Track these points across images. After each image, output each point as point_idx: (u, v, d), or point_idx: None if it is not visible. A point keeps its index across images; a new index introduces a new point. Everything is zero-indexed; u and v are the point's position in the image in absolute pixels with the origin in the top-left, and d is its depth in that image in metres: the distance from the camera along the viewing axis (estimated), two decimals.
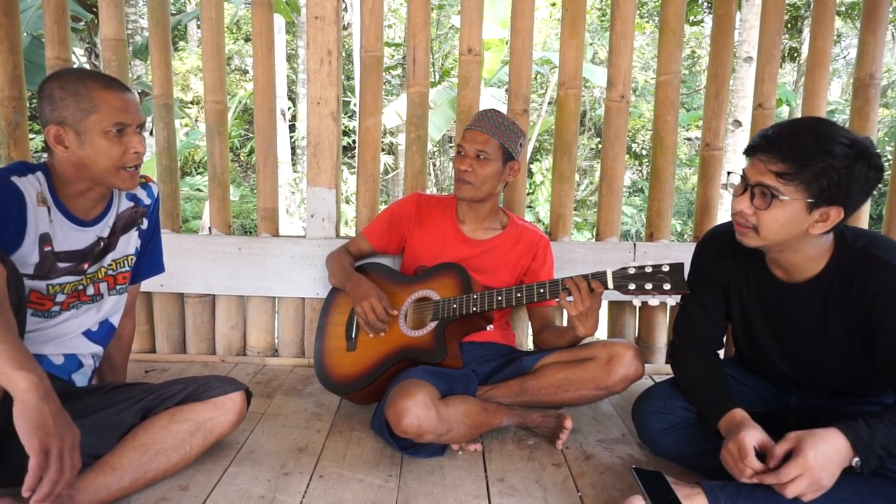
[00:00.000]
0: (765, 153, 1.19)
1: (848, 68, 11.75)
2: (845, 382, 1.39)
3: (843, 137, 1.15)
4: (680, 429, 1.49)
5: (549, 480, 1.47)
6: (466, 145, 1.79)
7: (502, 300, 1.61)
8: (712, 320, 1.52)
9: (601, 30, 10.61)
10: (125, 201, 1.51)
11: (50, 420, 1.04)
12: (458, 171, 1.80)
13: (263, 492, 1.38)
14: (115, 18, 2.20)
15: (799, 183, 1.15)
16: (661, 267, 1.46)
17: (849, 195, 1.15)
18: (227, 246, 2.25)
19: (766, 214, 1.20)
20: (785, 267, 1.33)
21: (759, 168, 1.19)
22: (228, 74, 11.64)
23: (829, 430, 1.14)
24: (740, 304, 1.46)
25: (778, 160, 1.16)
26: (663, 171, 2.27)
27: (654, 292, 1.46)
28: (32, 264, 1.32)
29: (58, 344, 1.42)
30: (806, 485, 1.11)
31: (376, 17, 2.19)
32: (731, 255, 1.43)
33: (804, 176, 1.14)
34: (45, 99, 1.29)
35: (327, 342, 1.85)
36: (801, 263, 1.30)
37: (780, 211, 1.18)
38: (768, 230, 1.21)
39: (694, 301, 1.52)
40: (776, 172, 1.17)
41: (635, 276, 1.49)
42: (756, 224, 1.22)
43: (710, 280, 1.49)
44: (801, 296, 1.33)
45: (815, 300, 1.31)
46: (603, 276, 1.53)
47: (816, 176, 1.14)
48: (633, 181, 11.15)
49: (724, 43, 2.24)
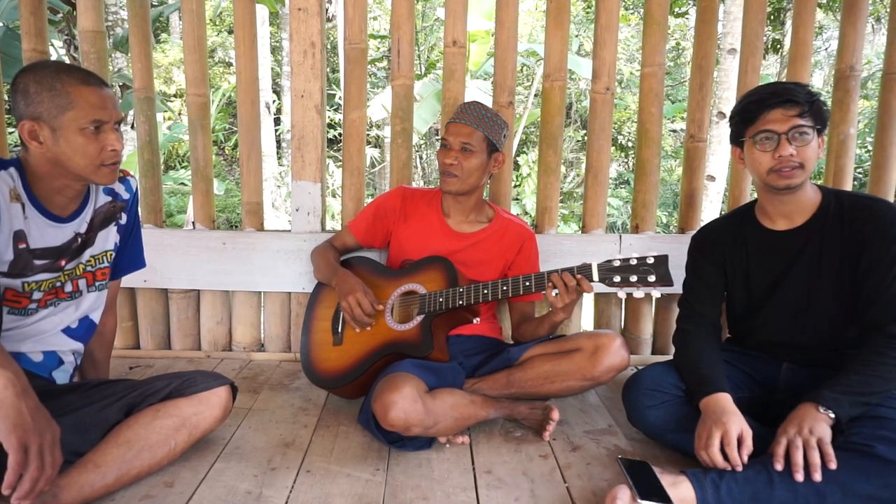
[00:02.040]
0: (782, 103, 1.38)
1: (830, 60, 11.87)
2: (835, 335, 1.47)
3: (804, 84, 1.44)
4: (666, 406, 1.52)
5: (536, 472, 1.48)
6: (451, 138, 1.78)
7: (488, 293, 1.61)
8: (714, 294, 1.62)
9: (586, 21, 10.63)
10: (102, 196, 1.48)
11: (28, 417, 1.03)
12: (444, 165, 1.79)
13: (250, 487, 1.38)
14: (93, 10, 2.16)
15: (810, 117, 1.38)
16: (646, 259, 1.48)
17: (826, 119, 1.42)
18: (211, 241, 2.22)
19: (806, 150, 1.39)
20: (790, 210, 1.49)
21: (780, 117, 1.39)
22: (212, 67, 11.53)
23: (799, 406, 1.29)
24: (743, 266, 1.57)
25: (795, 104, 1.38)
26: (648, 163, 2.28)
27: (639, 284, 1.48)
28: (6, 262, 1.29)
29: (36, 341, 1.39)
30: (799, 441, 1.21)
31: (360, 8, 2.17)
32: (726, 234, 1.61)
33: (814, 109, 1.38)
34: (18, 93, 1.25)
35: (313, 336, 1.84)
36: (803, 200, 1.47)
37: (813, 143, 1.40)
38: (810, 162, 1.40)
39: (697, 280, 1.64)
40: (797, 115, 1.38)
41: (620, 268, 1.50)
42: (802, 161, 1.39)
43: (708, 259, 1.62)
44: (798, 239, 1.48)
45: (810, 242, 1.46)
46: (588, 269, 1.54)
47: (818, 109, 1.39)
48: (619, 173, 11.21)
49: (707, 35, 2.25)
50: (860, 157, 8.02)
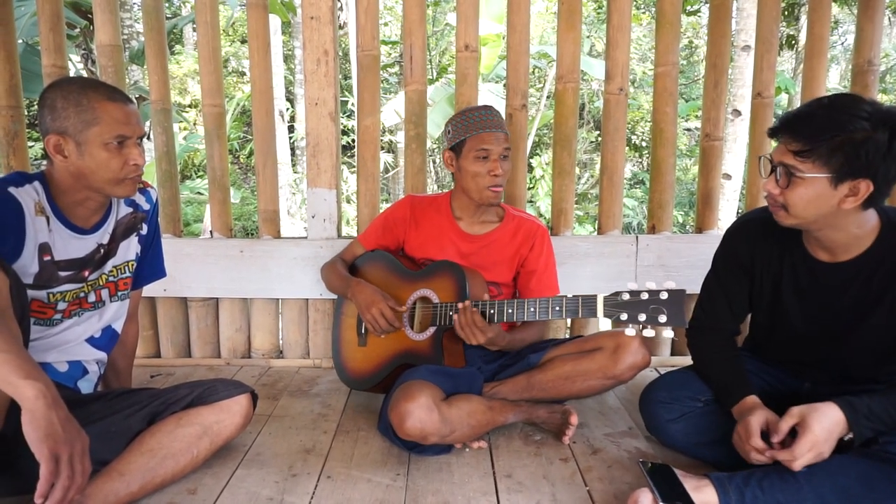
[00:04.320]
0: (784, 134, 1.22)
1: (846, 55, 11.70)
2: (870, 366, 1.37)
3: (862, 110, 1.14)
4: (687, 418, 1.49)
5: (556, 475, 1.47)
6: (493, 147, 1.71)
7: (494, 314, 1.58)
8: (734, 309, 1.51)
9: (598, 22, 10.58)
10: (124, 207, 1.52)
11: (59, 427, 1.04)
12: (493, 178, 1.71)
13: (272, 494, 1.39)
14: (110, 24, 2.20)
15: (816, 159, 1.16)
16: (660, 294, 1.35)
17: (872, 166, 1.14)
18: (228, 249, 2.25)
19: (791, 193, 1.21)
20: (828, 247, 1.31)
21: (781, 149, 1.23)
22: (226, 77, 11.64)
23: (828, 404, 1.19)
24: (772, 285, 1.42)
25: (794, 139, 1.19)
26: (663, 163, 2.26)
27: (648, 324, 1.35)
28: (32, 274, 1.32)
29: (61, 351, 1.42)
30: (812, 457, 1.17)
31: (371, 15, 2.19)
32: (763, 238, 1.42)
33: (820, 152, 1.15)
34: (46, 108, 1.29)
35: (343, 333, 1.90)
36: (845, 242, 1.28)
37: (803, 189, 1.19)
38: (796, 208, 1.22)
39: (718, 286, 1.52)
40: (794, 151, 1.19)
41: (629, 303, 1.38)
42: (784, 203, 1.23)
43: (737, 266, 1.47)
44: (843, 275, 1.31)
45: (859, 280, 1.30)
46: (592, 302, 1.44)
47: (833, 151, 1.14)
48: (634, 173, 11.13)
49: (721, 32, 2.23)
50: None
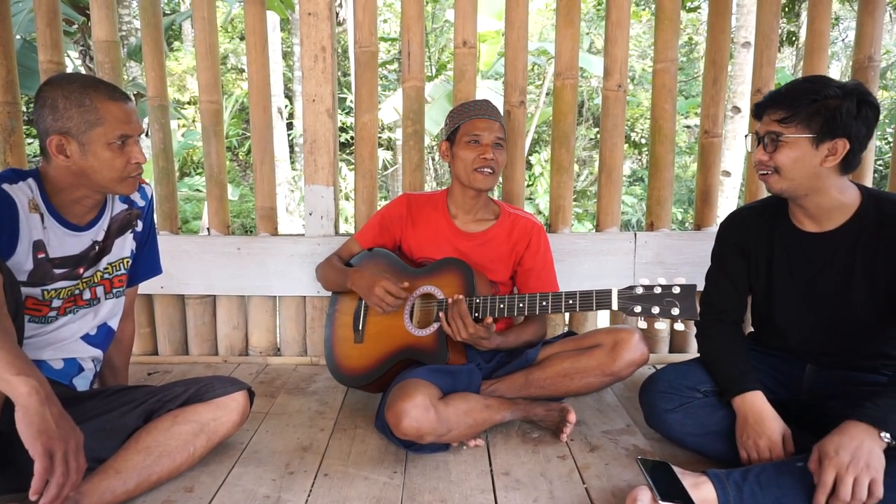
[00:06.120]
0: (768, 108, 1.35)
1: (846, 51, 11.69)
2: (867, 343, 1.41)
3: (831, 85, 1.30)
4: (686, 409, 1.50)
5: (554, 473, 1.47)
6: (484, 133, 1.72)
7: (504, 309, 1.59)
8: (738, 289, 1.57)
9: (597, 19, 10.56)
10: (119, 204, 1.51)
11: (52, 424, 1.04)
12: (481, 160, 1.72)
13: (269, 491, 1.38)
14: (107, 20, 2.18)
15: (798, 123, 1.30)
16: (672, 288, 1.41)
17: (847, 126, 1.28)
18: (226, 246, 2.24)
19: (780, 156, 1.33)
20: (814, 214, 1.40)
21: (766, 121, 1.36)
22: (224, 74, 11.63)
23: (841, 425, 1.19)
24: (766, 265, 1.50)
25: (777, 109, 1.33)
26: (662, 160, 2.26)
27: (661, 317, 1.42)
28: (26, 271, 1.32)
29: (56, 349, 1.42)
30: (851, 478, 1.12)
31: (369, 11, 2.18)
32: (754, 222, 1.53)
33: (800, 116, 1.30)
34: (46, 107, 1.27)
35: (336, 331, 1.85)
36: (829, 207, 1.38)
37: (789, 150, 1.32)
38: (785, 169, 1.34)
39: (720, 271, 1.59)
40: (777, 120, 1.33)
41: (642, 297, 1.44)
42: (775, 165, 1.35)
43: (735, 249, 1.55)
44: (830, 244, 1.40)
45: (844, 247, 1.38)
46: (608, 295, 1.49)
47: (811, 114, 1.29)
48: (633, 170, 11.13)
49: (721, 28, 2.22)
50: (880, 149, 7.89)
